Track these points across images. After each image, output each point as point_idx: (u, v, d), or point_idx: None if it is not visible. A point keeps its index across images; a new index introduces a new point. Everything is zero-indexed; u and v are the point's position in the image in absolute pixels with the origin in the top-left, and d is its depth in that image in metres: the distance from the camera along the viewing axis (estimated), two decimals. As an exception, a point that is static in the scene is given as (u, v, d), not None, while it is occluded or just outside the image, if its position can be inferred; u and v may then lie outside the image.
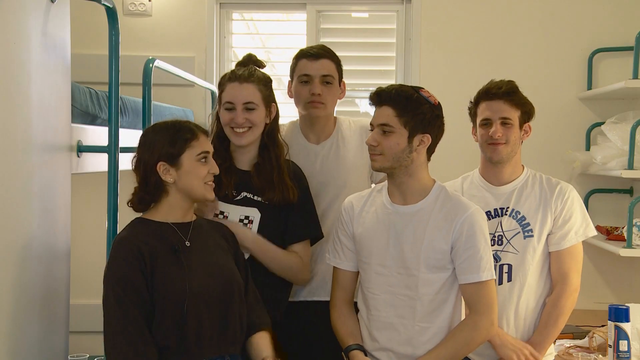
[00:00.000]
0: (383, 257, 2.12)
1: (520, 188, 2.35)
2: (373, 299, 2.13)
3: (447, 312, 2.11)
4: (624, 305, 2.25)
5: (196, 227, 2.07)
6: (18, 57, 1.86)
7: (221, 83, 2.34)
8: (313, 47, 2.58)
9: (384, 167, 2.11)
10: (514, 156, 2.34)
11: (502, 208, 2.34)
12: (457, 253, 2.09)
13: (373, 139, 2.10)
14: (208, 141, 2.07)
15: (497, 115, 2.29)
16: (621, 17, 3.70)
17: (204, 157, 2.03)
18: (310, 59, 2.50)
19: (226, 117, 2.28)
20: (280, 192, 2.26)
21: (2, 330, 1.81)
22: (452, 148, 2.93)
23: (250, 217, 2.27)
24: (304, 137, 2.58)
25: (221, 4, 3.91)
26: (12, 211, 1.85)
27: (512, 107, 2.29)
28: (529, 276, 2.30)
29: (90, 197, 3.24)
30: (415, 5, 3.78)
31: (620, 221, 3.54)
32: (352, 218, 2.20)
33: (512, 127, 2.29)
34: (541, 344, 2.27)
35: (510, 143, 2.30)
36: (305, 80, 2.51)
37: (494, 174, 2.37)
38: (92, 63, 3.06)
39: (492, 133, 2.28)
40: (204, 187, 2.03)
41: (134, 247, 1.93)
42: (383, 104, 2.10)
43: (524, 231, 2.31)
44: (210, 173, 2.04)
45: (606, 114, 3.59)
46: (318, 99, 2.49)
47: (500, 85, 2.32)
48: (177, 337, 1.91)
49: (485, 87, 2.34)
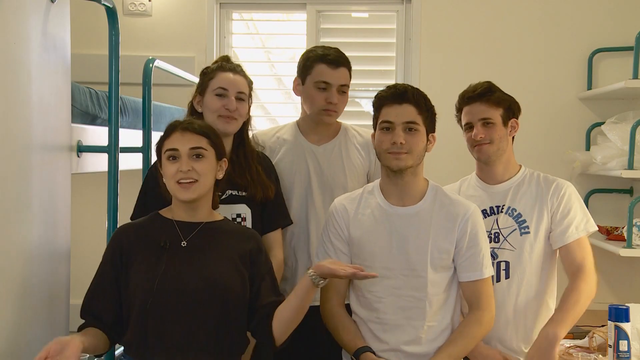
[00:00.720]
0: (387, 260, 2.11)
1: (517, 186, 2.36)
2: (378, 302, 2.12)
3: (451, 309, 2.14)
4: (624, 305, 2.25)
5: (208, 229, 2.01)
6: (18, 57, 1.87)
7: (206, 72, 2.32)
8: (331, 52, 2.49)
9: (407, 166, 2.10)
10: (502, 154, 2.34)
11: (498, 206, 2.35)
12: (459, 252, 2.12)
13: (402, 137, 2.08)
14: (183, 138, 1.97)
15: (477, 117, 2.31)
16: (621, 17, 3.70)
17: (171, 156, 1.96)
18: (331, 66, 2.46)
19: (217, 104, 2.25)
20: (261, 189, 2.28)
21: (3, 331, 1.81)
22: (452, 148, 2.94)
23: (242, 215, 2.27)
24: (303, 137, 2.58)
25: (221, 4, 3.91)
26: (12, 211, 1.85)
27: (490, 107, 2.30)
28: (527, 273, 2.30)
29: (90, 197, 3.24)
30: (415, 5, 3.78)
31: (620, 221, 3.54)
32: (348, 221, 2.18)
33: (493, 125, 2.30)
34: (561, 323, 2.22)
35: (495, 142, 2.31)
36: (323, 87, 2.46)
37: (487, 173, 2.39)
38: (92, 63, 3.07)
39: (474, 135, 2.31)
40: (175, 188, 1.96)
41: (120, 235, 1.99)
42: (404, 102, 2.10)
43: (520, 228, 2.31)
44: (180, 171, 1.94)
45: (606, 114, 3.59)
46: (334, 107, 2.48)
47: (475, 87, 2.34)
48: (138, 332, 1.89)
49: (462, 93, 2.37)
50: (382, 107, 2.13)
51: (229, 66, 2.31)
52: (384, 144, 2.11)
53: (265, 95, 4.02)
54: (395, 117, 2.09)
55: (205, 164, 1.98)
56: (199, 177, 1.96)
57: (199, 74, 2.36)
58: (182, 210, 2.01)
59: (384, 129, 2.11)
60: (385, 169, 2.15)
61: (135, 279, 1.92)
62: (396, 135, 2.08)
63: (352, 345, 2.12)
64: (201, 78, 2.34)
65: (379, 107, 2.15)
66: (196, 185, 1.96)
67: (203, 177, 1.97)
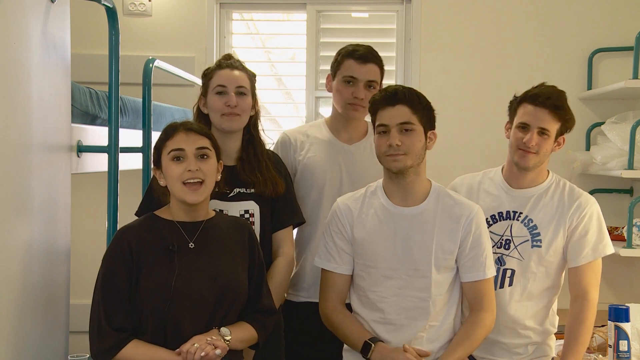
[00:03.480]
0: (391, 260, 2.12)
1: (539, 195, 2.31)
2: (382, 302, 2.12)
3: (453, 309, 2.15)
4: (624, 305, 2.25)
5: (209, 227, 2.02)
6: (18, 57, 1.86)
7: (206, 74, 2.32)
8: (360, 48, 2.51)
9: (406, 166, 2.09)
10: (540, 165, 2.29)
11: (515, 212, 2.31)
12: (462, 252, 2.12)
13: (397, 138, 2.08)
14: (188, 138, 1.97)
15: (537, 124, 2.22)
16: (621, 17, 3.70)
17: (175, 156, 1.96)
18: (359, 61, 2.47)
19: (218, 103, 2.25)
20: (271, 185, 2.27)
21: (3, 330, 1.81)
22: (452, 148, 2.94)
23: (250, 211, 2.26)
24: (333, 135, 2.57)
25: (221, 4, 3.91)
26: (12, 211, 1.85)
27: (554, 119, 2.22)
28: (529, 284, 2.28)
29: (90, 197, 3.24)
30: (415, 5, 3.78)
31: (620, 221, 3.54)
32: (352, 221, 2.18)
33: (548, 138, 2.23)
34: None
35: (541, 154, 2.24)
36: (349, 81, 2.47)
37: (515, 177, 2.33)
38: (92, 63, 3.06)
39: (527, 141, 2.22)
40: (181, 189, 1.95)
41: (126, 240, 1.94)
42: (397, 104, 2.09)
43: (532, 240, 2.28)
44: (188, 171, 1.94)
45: (606, 114, 3.59)
46: (360, 102, 2.47)
47: (550, 94, 2.25)
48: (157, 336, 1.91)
49: (535, 91, 2.26)
50: (377, 111, 2.13)
51: (227, 63, 2.31)
52: (382, 147, 2.11)
53: (266, 95, 4.02)
54: (389, 120, 2.09)
55: (210, 164, 1.99)
56: (205, 178, 1.97)
57: (201, 76, 2.37)
58: (184, 212, 2.01)
59: (381, 133, 2.12)
60: (387, 171, 2.15)
61: (148, 284, 1.91)
62: (392, 138, 2.08)
63: (358, 338, 2.10)
64: (202, 80, 2.34)
65: (374, 112, 2.15)
66: (203, 187, 1.97)
67: (208, 178, 1.98)
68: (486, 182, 2.38)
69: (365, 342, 2.07)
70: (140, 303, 1.91)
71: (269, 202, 2.29)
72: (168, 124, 2.06)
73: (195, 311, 1.92)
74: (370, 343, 2.06)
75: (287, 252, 2.32)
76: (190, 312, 1.91)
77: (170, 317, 1.90)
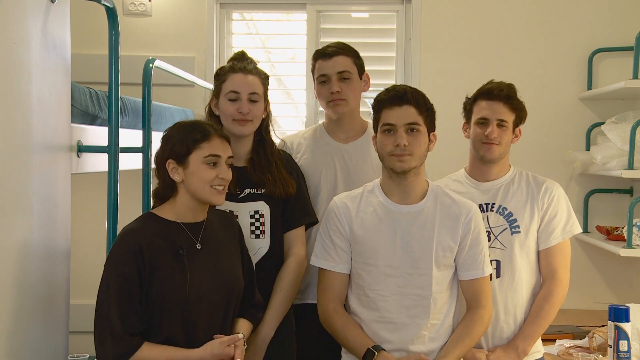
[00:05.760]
0: (391, 258, 2.12)
1: (507, 185, 2.37)
2: (382, 301, 2.12)
3: (452, 307, 2.16)
4: (624, 305, 2.25)
5: (208, 227, 2.06)
6: (18, 57, 1.86)
7: (219, 74, 2.33)
8: (328, 46, 2.56)
9: (411, 167, 2.10)
10: (504, 157, 2.37)
11: (488, 204, 2.36)
12: (462, 250, 2.14)
13: (405, 138, 2.08)
14: (223, 146, 2.02)
15: (495, 117, 2.31)
16: (621, 17, 3.70)
17: (212, 161, 1.99)
18: (324, 58, 2.51)
19: (230, 108, 2.26)
20: (281, 185, 2.28)
21: (2, 330, 1.81)
22: (452, 148, 2.94)
23: (260, 211, 2.27)
24: (329, 137, 2.58)
25: (221, 4, 3.91)
26: (12, 211, 1.85)
27: (509, 111, 2.32)
28: (517, 272, 2.31)
29: (90, 197, 3.24)
30: (415, 5, 3.78)
31: (620, 221, 3.54)
32: (350, 219, 2.18)
33: (506, 129, 2.32)
34: (531, 336, 2.28)
35: (502, 144, 2.32)
36: (324, 80, 2.51)
37: (481, 172, 2.38)
38: (92, 63, 3.07)
39: (489, 133, 2.30)
40: (209, 191, 1.99)
41: (136, 243, 1.93)
42: (405, 104, 2.10)
43: (510, 227, 2.32)
44: (220, 178, 1.99)
45: (606, 114, 3.59)
46: (338, 96, 2.48)
47: (502, 87, 2.33)
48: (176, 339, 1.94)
49: (487, 87, 2.35)
50: (382, 109, 2.13)
51: (240, 66, 2.30)
52: (387, 146, 2.11)
53: (265, 96, 4.02)
54: (397, 119, 2.09)
55: (230, 173, 2.05)
56: (227, 184, 2.05)
57: (213, 76, 2.38)
58: (191, 212, 2.03)
59: (386, 132, 2.11)
60: (388, 170, 2.15)
61: (160, 287, 1.92)
62: (399, 137, 2.08)
63: (361, 344, 2.09)
64: (215, 80, 2.35)
65: (379, 110, 2.14)
66: (225, 191, 2.04)
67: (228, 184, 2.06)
68: (452, 185, 2.41)
69: (368, 350, 2.06)
70: (153, 307, 1.92)
71: (280, 203, 2.30)
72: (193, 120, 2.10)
73: (210, 312, 1.97)
74: (374, 351, 2.06)
75: (298, 252, 2.32)
76: (205, 313, 1.96)
77: (188, 320, 1.93)
